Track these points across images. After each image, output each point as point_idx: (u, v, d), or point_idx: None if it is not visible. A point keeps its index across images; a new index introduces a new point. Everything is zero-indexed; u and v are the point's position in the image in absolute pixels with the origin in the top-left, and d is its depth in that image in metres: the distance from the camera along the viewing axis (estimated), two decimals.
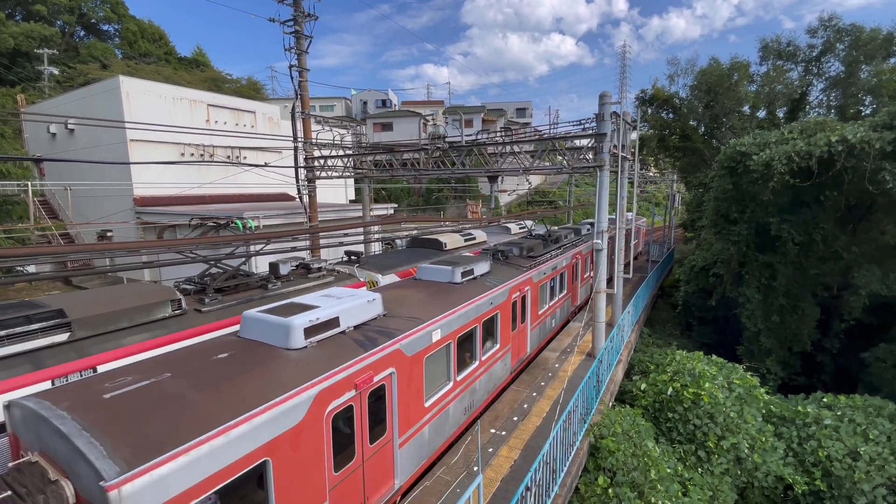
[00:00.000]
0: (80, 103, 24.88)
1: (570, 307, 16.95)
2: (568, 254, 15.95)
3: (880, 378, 16.12)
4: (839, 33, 23.23)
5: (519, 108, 71.70)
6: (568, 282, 16.26)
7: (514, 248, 13.77)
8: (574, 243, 17.48)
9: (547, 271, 13.69)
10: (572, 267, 16.57)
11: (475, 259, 11.07)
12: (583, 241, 18.68)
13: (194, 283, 8.96)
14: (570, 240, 17.68)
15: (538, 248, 14.53)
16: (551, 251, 14.75)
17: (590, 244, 17.00)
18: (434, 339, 7.83)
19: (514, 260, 12.91)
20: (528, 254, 13.69)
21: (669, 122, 28.99)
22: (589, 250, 18.25)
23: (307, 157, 17.10)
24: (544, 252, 14.23)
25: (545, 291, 13.94)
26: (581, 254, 17.62)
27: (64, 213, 27.22)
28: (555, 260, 14.48)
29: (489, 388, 10.49)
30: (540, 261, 13.41)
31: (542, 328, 13.91)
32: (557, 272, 14.78)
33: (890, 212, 17.37)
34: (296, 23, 15.99)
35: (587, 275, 19.08)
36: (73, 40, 47.68)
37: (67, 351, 5.99)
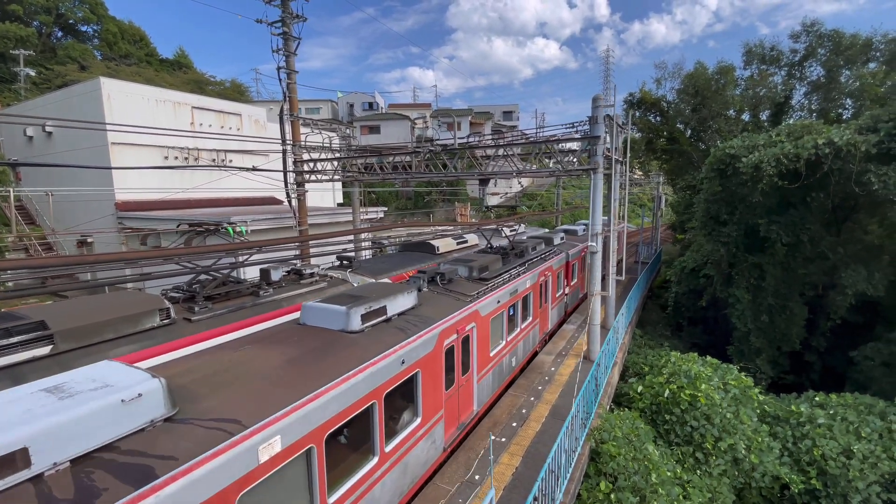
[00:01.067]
0: (59, 105, 24.13)
1: (537, 336, 14.12)
2: (535, 271, 13.17)
3: (868, 376, 16.40)
4: (821, 38, 23.78)
5: (506, 112, 72.05)
6: (534, 305, 13.36)
7: (460, 269, 10.63)
8: (543, 256, 14.74)
9: (504, 297, 10.86)
10: (541, 286, 13.85)
11: (394, 290, 7.86)
12: (555, 252, 16.02)
13: (183, 291, 8.61)
14: (538, 252, 14.88)
15: (494, 267, 11.53)
16: (512, 269, 11.96)
17: (563, 256, 16.21)
18: (264, 459, 4.46)
19: (458, 285, 9.84)
20: (478, 275, 10.60)
21: (657, 126, 29.34)
22: (562, 264, 16.17)
23: (296, 161, 16.80)
24: (502, 271, 11.38)
25: (500, 325, 11.00)
26: (552, 269, 15.00)
27: (42, 220, 26.35)
28: (516, 281, 11.71)
29: (400, 488, 7.01)
30: (493, 285, 10.54)
31: (496, 373, 10.84)
32: (520, 296, 12.04)
33: (873, 212, 17.76)
34: (284, 24, 15.73)
35: (560, 292, 16.54)
36: (50, 41, 46.42)
37: (50, 365, 5.65)
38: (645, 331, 22.11)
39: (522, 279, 12.21)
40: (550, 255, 15.40)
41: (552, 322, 15.63)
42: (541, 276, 13.75)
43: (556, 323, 16.18)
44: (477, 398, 9.69)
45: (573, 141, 13.69)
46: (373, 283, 8.69)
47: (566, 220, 44.72)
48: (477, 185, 49.38)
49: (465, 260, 11.30)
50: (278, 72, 16.07)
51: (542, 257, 14.60)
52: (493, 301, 10.27)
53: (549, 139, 13.94)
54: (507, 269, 11.80)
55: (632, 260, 30.55)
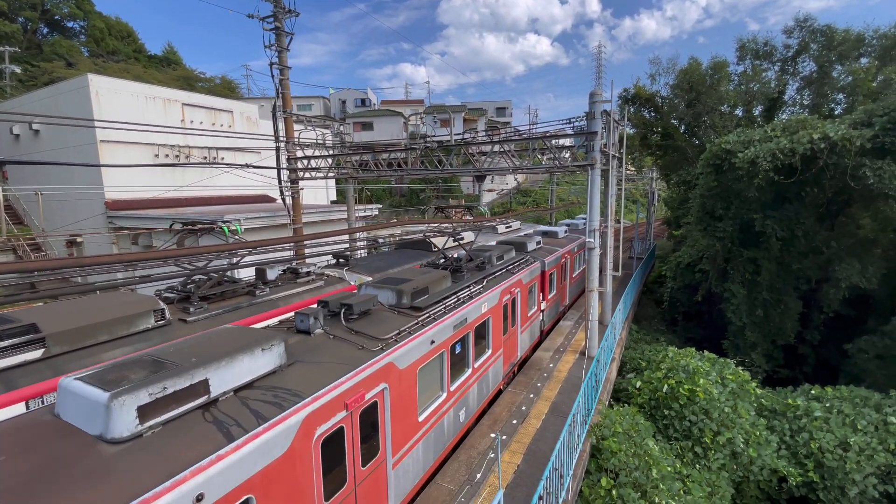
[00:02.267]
0: (46, 102, 23.66)
1: (501, 371, 11.14)
2: (497, 288, 10.56)
3: (862, 368, 16.56)
4: (813, 34, 23.90)
5: (499, 108, 71.83)
6: (495, 333, 10.55)
7: (384, 294, 8.05)
8: (511, 268, 12.14)
9: (444, 332, 8.07)
10: (505, 308, 11.15)
11: (239, 344, 5.02)
12: (527, 262, 13.34)
13: (177, 292, 8.46)
14: (504, 263, 12.22)
15: (436, 289, 8.83)
16: (463, 289, 9.32)
17: (538, 267, 13.91)
18: None
19: (374, 322, 7.10)
20: (411, 302, 8.01)
21: (651, 121, 29.38)
22: (536, 275, 13.80)
23: (290, 158, 16.58)
24: (447, 294, 8.72)
25: (437, 372, 8.12)
26: (522, 283, 12.33)
27: (29, 219, 25.89)
28: (467, 307, 8.97)
29: None
30: (428, 317, 7.79)
31: (432, 440, 7.80)
32: (473, 325, 9.24)
33: (867, 206, 17.91)
34: (276, 19, 15.48)
35: (534, 311, 13.90)
36: (35, 37, 45.53)
37: (42, 369, 5.49)
38: (641, 326, 22.19)
39: (476, 303, 9.40)
40: (520, 265, 12.77)
41: (523, 348, 12.91)
42: (506, 295, 11.14)
43: (528, 348, 13.55)
44: (394, 491, 6.64)
45: (569, 137, 13.63)
46: (176, 345, 5.06)
47: (560, 216, 44.80)
48: (471, 181, 49.28)
49: (395, 281, 8.45)
50: (271, 68, 15.84)
51: (509, 269, 12.01)
52: (421, 344, 7.26)
53: (545, 135, 13.88)
54: (455, 290, 9.02)
55: (626, 255, 30.65)
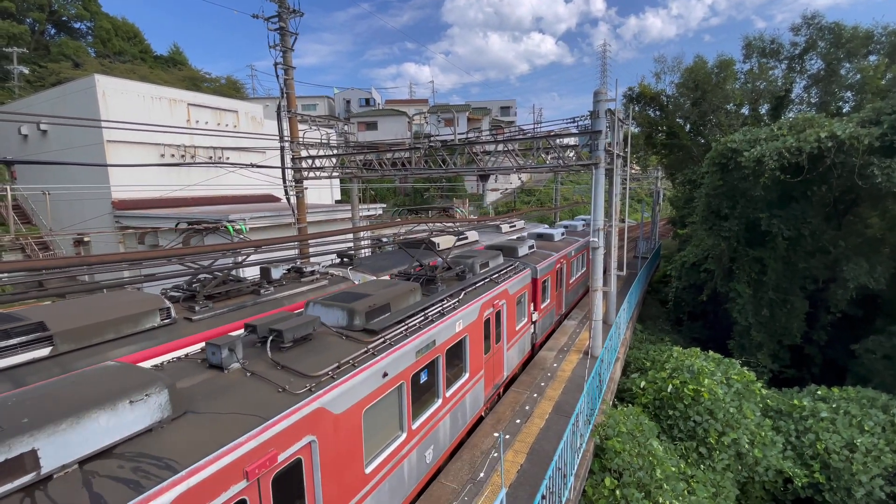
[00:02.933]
0: (54, 103, 23.87)
1: (482, 396, 9.81)
2: (477, 302, 9.35)
3: (870, 369, 16.41)
4: (821, 31, 23.65)
5: (503, 107, 71.76)
6: (473, 354, 9.20)
7: (333, 314, 6.77)
8: (495, 277, 10.90)
9: (404, 360, 6.79)
10: (486, 323, 9.92)
11: (89, 397, 3.72)
12: (515, 270, 12.15)
13: (183, 291, 8.52)
14: (488, 272, 10.94)
15: (400, 305, 7.62)
16: (434, 305, 8.13)
17: (528, 274, 12.83)
18: None
19: (315, 349, 5.94)
20: (366, 323, 6.75)
21: (656, 120, 29.21)
22: (525, 284, 12.63)
23: (294, 157, 16.65)
24: (413, 312, 7.51)
25: (392, 409, 6.77)
26: (509, 294, 11.16)
27: (38, 218, 26.13)
28: (438, 325, 7.78)
29: None
30: (386, 342, 6.59)
31: (382, 496, 6.41)
32: (444, 346, 7.99)
33: (874, 205, 17.73)
34: (280, 19, 15.54)
35: (523, 324, 12.60)
36: (43, 38, 45.91)
37: (50, 367, 5.55)
38: (645, 326, 22.10)
39: (449, 320, 8.13)
40: (508, 274, 11.53)
41: (510, 367, 11.61)
42: (488, 308, 9.90)
43: (517, 365, 12.33)
44: None
45: (573, 136, 13.60)
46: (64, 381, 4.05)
47: (565, 216, 44.70)
48: (475, 180, 49.25)
49: (348, 297, 7.07)
50: (275, 68, 15.91)
51: (493, 279, 10.78)
52: (370, 378, 5.96)
53: (549, 134, 13.86)
54: (424, 306, 7.80)
55: (631, 255, 30.53)
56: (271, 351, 5.57)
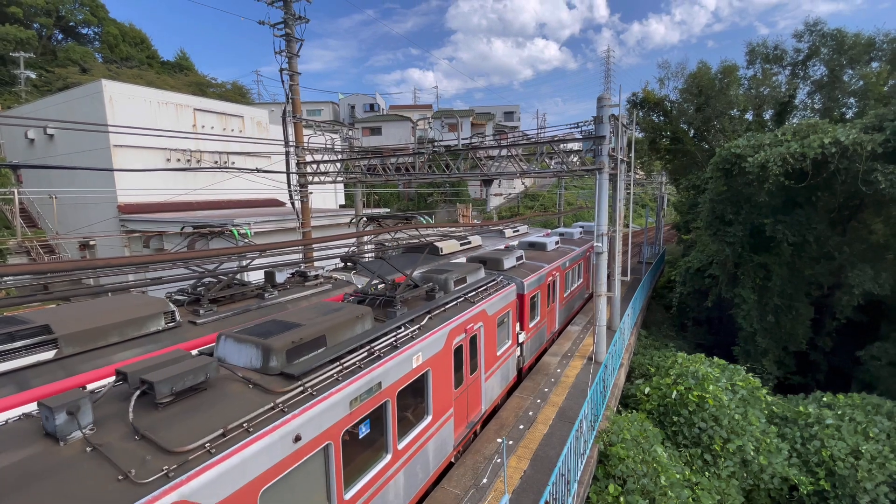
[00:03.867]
0: (61, 108, 24.10)
1: (446, 449, 8.18)
2: (441, 330, 7.80)
3: (875, 376, 16.31)
4: (824, 38, 23.70)
5: (507, 112, 72.01)
6: (436, 395, 7.72)
7: (245, 353, 5.40)
8: (471, 295, 9.50)
9: (334, 414, 5.33)
10: (454, 353, 8.36)
11: None
12: (499, 286, 10.63)
13: (187, 294, 8.56)
14: (464, 289, 9.49)
15: (340, 336, 6.18)
16: (385, 335, 6.71)
17: (512, 290, 11.17)
18: None
19: (187, 417, 4.30)
20: (286, 365, 5.32)
21: (660, 125, 29.25)
22: (509, 301, 11.01)
23: (299, 162, 16.74)
24: (342, 354, 5.87)
25: (299, 492, 5.01)
26: (487, 315, 9.69)
27: (43, 222, 26.32)
28: (380, 367, 6.20)
29: None
30: (281, 409, 4.75)
31: None
32: (390, 391, 6.43)
33: (879, 211, 17.67)
34: (286, 25, 15.69)
35: (505, 349, 11.00)
36: (50, 43, 46.43)
37: (55, 369, 5.58)
38: (650, 331, 22.02)
39: (404, 354, 6.70)
40: (487, 291, 10.05)
41: (489, 398, 10.07)
42: (458, 334, 8.46)
43: (500, 395, 10.85)
44: None
45: (576, 141, 13.62)
46: None
47: (569, 220, 44.68)
48: (479, 185, 49.35)
49: (267, 331, 5.68)
50: (281, 73, 16.04)
51: (469, 298, 9.33)
52: (273, 447, 4.49)
53: (553, 139, 13.89)
54: (370, 337, 6.37)
55: (635, 260, 30.48)
56: (135, 411, 4.16)
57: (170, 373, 4.48)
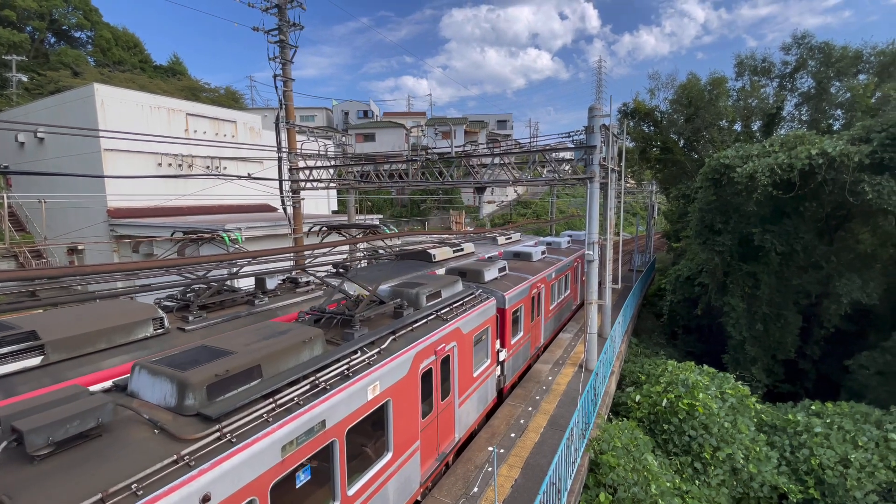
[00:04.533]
0: (52, 111, 23.91)
1: (410, 486, 7.29)
2: (404, 354, 6.99)
3: (863, 384, 16.48)
4: (811, 50, 24.20)
5: (500, 120, 72.48)
6: (398, 428, 6.88)
7: (157, 389, 4.57)
8: (443, 311, 8.66)
9: (259, 465, 4.44)
10: (421, 378, 7.55)
11: None
12: (477, 299, 9.99)
13: (176, 300, 8.49)
14: (437, 304, 8.68)
15: (274, 369, 5.20)
16: (336, 362, 5.90)
17: (491, 306, 10.35)
18: None
19: (61, 476, 3.45)
20: (201, 407, 4.40)
21: (650, 135, 29.62)
22: (488, 318, 10.26)
23: (292, 168, 16.72)
24: (280, 387, 5.02)
25: None
26: (461, 332, 8.92)
27: (32, 226, 25.99)
28: (326, 402, 5.36)
29: None
30: (186, 463, 3.88)
31: None
32: (338, 430, 5.56)
33: (866, 221, 17.97)
34: (280, 32, 15.73)
35: (483, 369, 10.15)
36: (43, 47, 46.13)
37: (41, 376, 5.50)
38: (640, 339, 22.12)
39: (356, 385, 5.84)
40: (462, 307, 9.27)
41: (464, 425, 9.22)
42: (427, 357, 7.65)
43: (474, 422, 9.87)
44: None
45: (568, 150, 13.76)
46: None
47: (561, 228, 44.92)
48: (472, 193, 49.51)
49: (197, 356, 4.99)
50: (275, 79, 16.05)
51: (441, 315, 8.52)
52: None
53: (545, 148, 14.02)
54: (319, 365, 5.58)
55: (626, 268, 30.67)
56: (1, 467, 3.42)
57: (49, 418, 3.66)
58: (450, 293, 9.45)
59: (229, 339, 5.61)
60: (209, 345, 5.36)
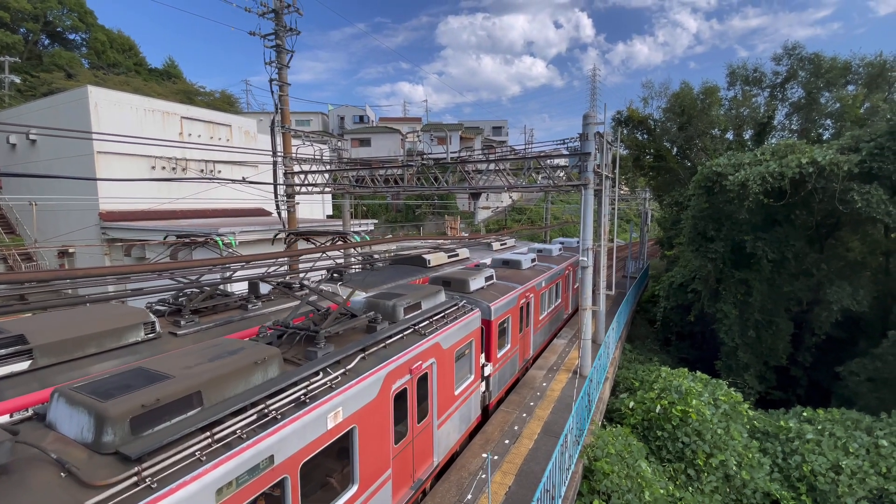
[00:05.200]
0: (44, 113, 23.73)
1: None
2: (374, 374, 6.35)
3: (854, 391, 16.60)
4: (801, 61, 24.61)
5: (495, 127, 72.89)
6: (364, 457, 6.20)
7: (73, 421, 3.92)
8: (422, 325, 7.97)
9: None
10: (393, 400, 6.83)
11: None
12: (461, 310, 9.30)
13: (168, 305, 8.41)
14: (415, 317, 8.04)
15: (219, 394, 4.56)
16: (292, 386, 5.20)
17: (476, 317, 9.64)
18: None
19: None
20: (120, 445, 3.73)
21: (644, 143, 29.90)
22: (472, 331, 9.53)
23: (287, 172, 16.69)
24: (217, 419, 4.32)
25: None
26: (441, 347, 8.27)
27: (22, 229, 25.71)
28: (274, 435, 4.66)
29: None
30: None
31: None
32: (289, 465, 4.86)
33: (855, 229, 18.20)
34: (277, 37, 15.76)
35: (465, 386, 9.48)
36: (36, 48, 45.87)
37: (29, 381, 5.42)
38: (634, 345, 22.18)
39: (312, 413, 5.16)
40: (442, 320, 8.56)
41: (443, 448, 8.59)
42: (400, 376, 6.98)
43: (456, 443, 9.26)
44: None
45: (563, 157, 13.85)
46: None
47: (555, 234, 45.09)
48: (467, 198, 49.64)
49: (129, 380, 4.37)
50: (270, 84, 16.06)
51: (418, 329, 7.82)
52: None
53: (540, 155, 14.09)
54: (272, 390, 4.91)
55: (620, 274, 30.80)
56: None
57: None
58: (431, 304, 8.85)
59: (171, 360, 4.95)
60: (147, 367, 4.73)
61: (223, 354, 5.08)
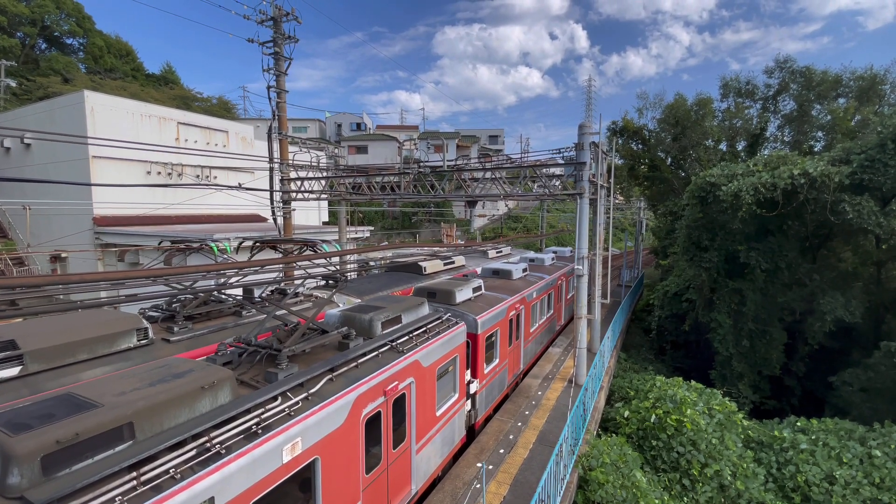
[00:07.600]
0: (40, 117, 23.66)
1: None
2: (342, 398, 5.72)
3: (847, 401, 16.65)
4: (793, 74, 25.00)
5: (491, 136, 73.35)
6: (329, 495, 5.51)
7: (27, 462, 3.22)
8: (399, 342, 7.37)
9: None
10: (364, 426, 6.22)
11: None
12: (444, 324, 8.77)
13: (162, 310, 8.35)
14: (394, 332, 7.49)
15: (155, 427, 3.91)
16: (244, 414, 4.56)
17: (460, 333, 9.00)
18: None
19: None
20: (25, 490, 3.15)
21: (639, 153, 30.17)
22: (452, 348, 8.88)
23: (283, 179, 16.68)
24: (147, 456, 3.66)
25: None
26: (421, 365, 7.68)
27: (15, 233, 25.49)
28: (213, 474, 3.97)
29: None
30: None
31: None
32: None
33: (847, 240, 18.38)
34: (275, 44, 15.83)
35: (449, 405, 8.90)
36: (33, 52, 45.83)
37: (19, 387, 5.35)
38: (629, 354, 22.19)
39: (265, 446, 4.54)
40: (423, 336, 7.94)
41: (422, 475, 7.87)
42: (372, 400, 6.32)
43: (437, 468, 8.54)
44: None
45: (559, 166, 13.95)
46: None
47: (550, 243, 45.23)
48: (463, 206, 49.76)
49: (61, 409, 3.78)
50: (268, 91, 16.10)
51: (396, 346, 7.24)
52: None
53: (536, 164, 14.18)
54: (219, 420, 4.30)
55: (615, 283, 30.90)
56: None
57: None
58: (412, 318, 8.20)
59: (106, 384, 4.34)
60: (76, 393, 4.11)
61: (166, 378, 4.43)
